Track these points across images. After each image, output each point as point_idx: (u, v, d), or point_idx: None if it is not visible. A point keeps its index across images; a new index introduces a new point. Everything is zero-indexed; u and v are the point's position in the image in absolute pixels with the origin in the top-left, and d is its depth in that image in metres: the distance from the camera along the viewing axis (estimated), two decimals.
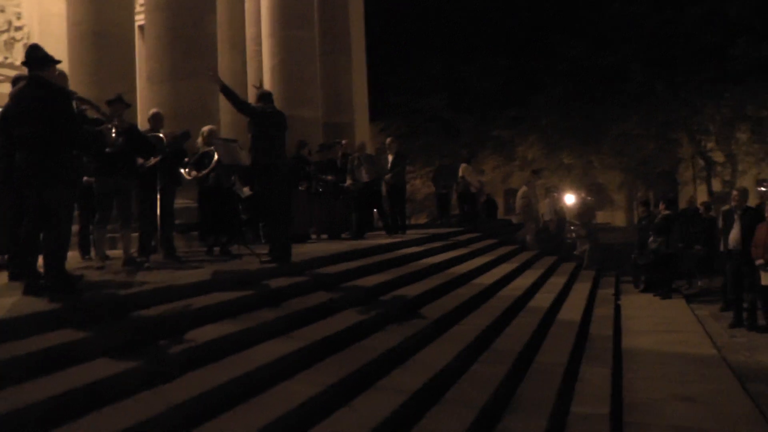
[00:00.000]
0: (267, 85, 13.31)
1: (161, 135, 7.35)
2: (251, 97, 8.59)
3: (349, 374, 4.37)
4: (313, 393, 3.92)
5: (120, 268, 6.33)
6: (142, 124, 8.21)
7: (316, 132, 13.35)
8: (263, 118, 6.88)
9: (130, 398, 3.42)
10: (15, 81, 4.91)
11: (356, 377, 4.39)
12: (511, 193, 28.28)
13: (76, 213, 7.25)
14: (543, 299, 8.42)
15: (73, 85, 9.47)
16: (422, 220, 25.04)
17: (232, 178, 8.02)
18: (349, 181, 11.07)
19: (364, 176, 10.90)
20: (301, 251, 8.12)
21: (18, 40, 11.42)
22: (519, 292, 8.32)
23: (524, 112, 26.53)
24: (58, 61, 4.74)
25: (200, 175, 7.68)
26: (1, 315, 3.89)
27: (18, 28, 12.55)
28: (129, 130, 6.48)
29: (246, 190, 8.37)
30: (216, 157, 7.52)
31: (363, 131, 18.63)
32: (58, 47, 10.27)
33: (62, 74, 5.21)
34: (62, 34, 10.37)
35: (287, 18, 12.95)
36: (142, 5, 10.70)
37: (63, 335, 3.83)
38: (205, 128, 8.00)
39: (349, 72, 15.43)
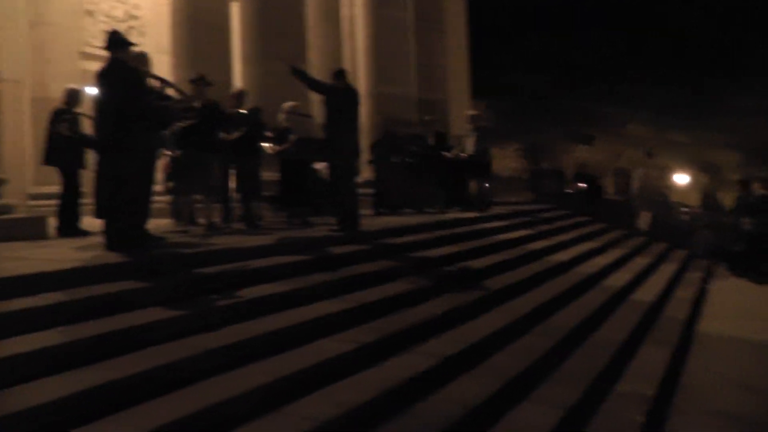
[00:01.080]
0: (360, 64, 13.68)
1: (243, 111, 7.85)
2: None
3: (386, 336, 4.59)
4: (344, 350, 4.18)
5: (200, 233, 6.88)
6: None
7: (408, 109, 13.55)
8: (334, 94, 7.19)
9: (173, 341, 3.83)
10: None
11: (393, 340, 4.59)
12: (620, 173, 27.17)
13: (170, 183, 7.95)
14: (618, 278, 8.21)
15: (176, 67, 10.23)
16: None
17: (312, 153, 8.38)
18: (454, 152, 11.24)
19: (470, 148, 11.01)
20: (375, 222, 8.39)
21: (134, 29, 12.34)
22: (593, 270, 8.17)
23: (633, 89, 25.33)
24: (133, 44, 5.26)
25: (280, 148, 8.11)
26: (75, 264, 4.45)
27: (135, 18, 13.56)
28: (210, 107, 7.00)
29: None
30: None
31: (461, 108, 18.54)
32: (169, 34, 11.08)
33: (141, 55, 5.72)
34: None
35: None
36: None
37: (123, 285, 4.32)
38: (286, 104, 8.39)
39: (443, 50, 15.45)
